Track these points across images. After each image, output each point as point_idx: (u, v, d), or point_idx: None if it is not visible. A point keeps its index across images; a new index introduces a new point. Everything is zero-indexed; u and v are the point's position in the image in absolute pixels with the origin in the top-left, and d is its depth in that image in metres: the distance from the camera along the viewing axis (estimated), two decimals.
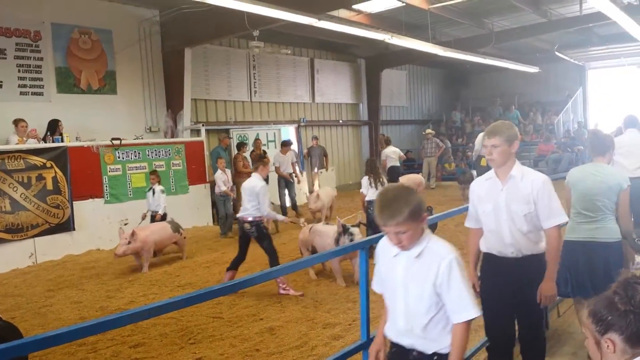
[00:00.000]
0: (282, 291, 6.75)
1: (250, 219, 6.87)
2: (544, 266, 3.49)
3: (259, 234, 6.94)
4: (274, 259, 6.95)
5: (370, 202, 8.49)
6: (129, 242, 8.04)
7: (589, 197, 4.36)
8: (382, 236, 4.18)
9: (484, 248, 3.66)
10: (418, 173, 15.69)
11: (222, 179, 11.02)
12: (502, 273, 3.54)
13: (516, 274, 3.50)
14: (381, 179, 8.68)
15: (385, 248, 2.64)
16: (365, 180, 8.69)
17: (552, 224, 3.42)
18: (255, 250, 7.29)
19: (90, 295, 7.27)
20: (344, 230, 6.83)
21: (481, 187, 3.66)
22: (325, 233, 7.25)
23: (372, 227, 8.50)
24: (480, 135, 13.40)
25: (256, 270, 6.78)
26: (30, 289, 7.71)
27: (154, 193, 9.56)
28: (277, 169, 12.79)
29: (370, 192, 8.57)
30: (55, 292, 7.49)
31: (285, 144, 13.31)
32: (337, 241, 6.84)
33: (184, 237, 9.31)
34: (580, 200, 4.42)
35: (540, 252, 3.51)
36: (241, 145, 12.85)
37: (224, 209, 11.20)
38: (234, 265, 7.10)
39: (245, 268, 7.85)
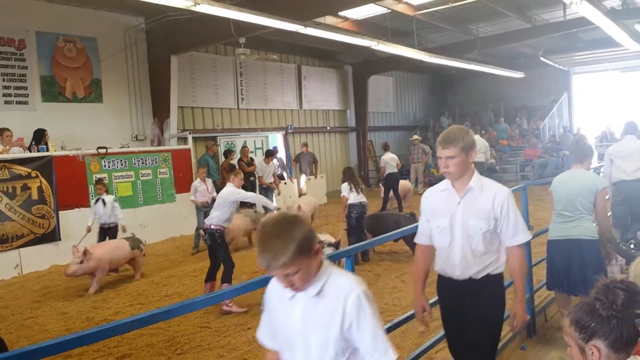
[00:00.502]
0: (224, 307, 6.44)
1: (212, 227, 6.66)
2: (494, 289, 3.18)
3: (212, 242, 6.73)
4: (227, 270, 6.69)
5: (352, 206, 8.58)
6: (81, 262, 7.44)
7: (568, 198, 4.70)
8: (371, 242, 4.18)
9: (436, 267, 3.32)
10: (406, 179, 15.70)
11: (200, 188, 10.19)
12: (453, 295, 3.24)
13: (464, 297, 3.17)
14: (361, 186, 8.71)
15: (277, 289, 2.16)
16: (345, 185, 8.69)
17: (518, 242, 3.11)
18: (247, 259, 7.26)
19: (76, 306, 7.20)
20: None
21: (436, 199, 3.27)
22: None
23: (353, 234, 8.54)
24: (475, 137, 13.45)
25: (243, 278, 6.76)
26: (16, 300, 7.62)
27: (104, 204, 8.76)
28: (259, 179, 12.60)
29: (351, 195, 8.62)
30: (41, 303, 7.41)
31: (269, 154, 13.03)
32: None
33: (144, 255, 8.64)
34: (561, 201, 4.77)
35: (489, 274, 3.15)
36: (228, 153, 12.83)
37: (198, 221, 10.39)
38: (211, 276, 6.89)
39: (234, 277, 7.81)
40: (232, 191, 6.77)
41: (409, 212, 9.00)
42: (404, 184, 14.23)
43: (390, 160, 13.26)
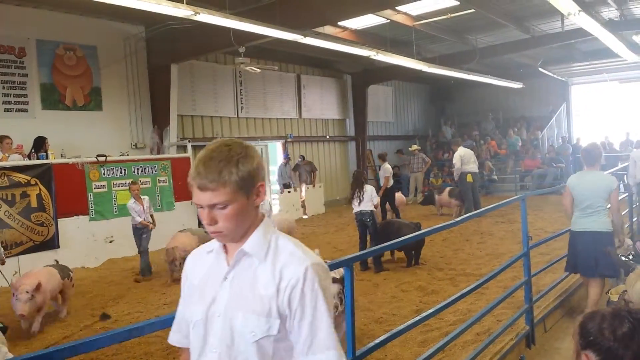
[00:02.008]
0: None
1: None
2: None
3: None
4: None
5: (355, 214, 8.79)
6: (32, 297, 6.12)
7: (587, 197, 5.53)
8: (369, 252, 4.17)
9: None
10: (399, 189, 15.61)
11: (136, 209, 9.05)
12: None
13: None
14: (362, 193, 8.68)
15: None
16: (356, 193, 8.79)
17: None
18: None
19: (74, 314, 7.17)
20: None
21: (197, 269, 1.86)
22: None
23: (361, 242, 8.74)
24: (460, 150, 13.45)
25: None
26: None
27: None
28: None
29: (354, 203, 8.78)
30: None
31: None
32: None
33: (73, 285, 7.38)
34: (581, 200, 5.59)
35: None
36: None
37: (141, 244, 9.14)
38: None
39: None
40: None
41: (415, 222, 8.95)
42: (398, 196, 13.82)
43: (386, 172, 12.94)
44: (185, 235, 8.98)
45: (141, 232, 9.10)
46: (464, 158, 13.23)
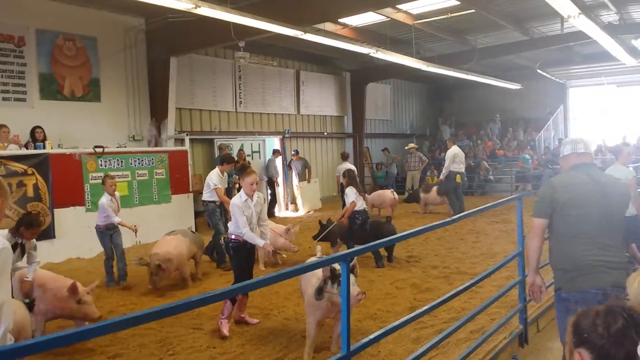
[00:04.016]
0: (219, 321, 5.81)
1: (232, 236, 5.93)
2: None
3: (227, 252, 6.22)
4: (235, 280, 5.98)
5: (357, 212, 8.59)
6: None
7: None
8: (366, 248, 4.18)
9: None
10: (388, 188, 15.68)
11: (113, 207, 7.96)
12: None
13: None
14: (361, 191, 8.71)
15: None
16: (352, 190, 8.61)
17: None
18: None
19: None
20: (333, 276, 4.57)
21: None
22: (307, 278, 5.08)
23: (355, 241, 8.55)
24: (454, 148, 13.48)
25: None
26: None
27: None
28: (217, 191, 9.12)
29: (359, 201, 8.63)
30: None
31: (225, 160, 9.54)
32: (319, 291, 4.70)
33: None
34: None
35: None
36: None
37: (117, 245, 8.13)
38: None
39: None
40: (231, 205, 5.94)
41: (386, 216, 9.17)
42: (383, 194, 13.71)
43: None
44: (173, 239, 7.82)
45: (111, 233, 8.01)
46: (456, 157, 13.28)
